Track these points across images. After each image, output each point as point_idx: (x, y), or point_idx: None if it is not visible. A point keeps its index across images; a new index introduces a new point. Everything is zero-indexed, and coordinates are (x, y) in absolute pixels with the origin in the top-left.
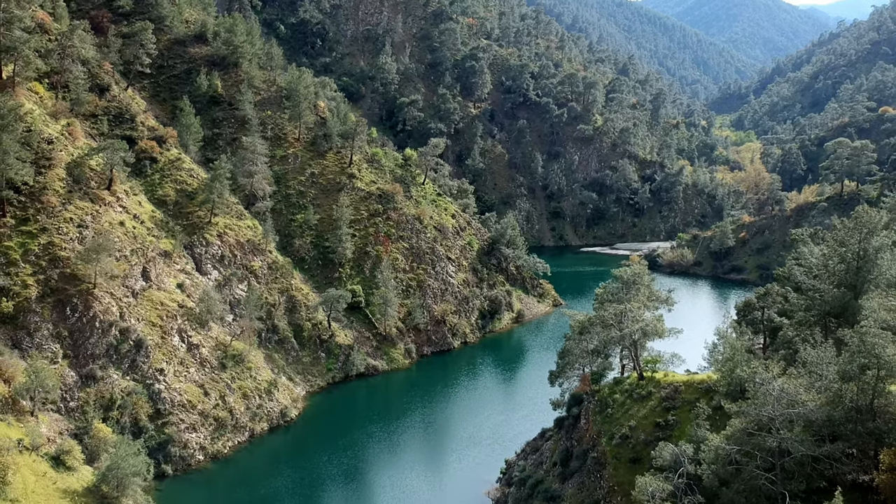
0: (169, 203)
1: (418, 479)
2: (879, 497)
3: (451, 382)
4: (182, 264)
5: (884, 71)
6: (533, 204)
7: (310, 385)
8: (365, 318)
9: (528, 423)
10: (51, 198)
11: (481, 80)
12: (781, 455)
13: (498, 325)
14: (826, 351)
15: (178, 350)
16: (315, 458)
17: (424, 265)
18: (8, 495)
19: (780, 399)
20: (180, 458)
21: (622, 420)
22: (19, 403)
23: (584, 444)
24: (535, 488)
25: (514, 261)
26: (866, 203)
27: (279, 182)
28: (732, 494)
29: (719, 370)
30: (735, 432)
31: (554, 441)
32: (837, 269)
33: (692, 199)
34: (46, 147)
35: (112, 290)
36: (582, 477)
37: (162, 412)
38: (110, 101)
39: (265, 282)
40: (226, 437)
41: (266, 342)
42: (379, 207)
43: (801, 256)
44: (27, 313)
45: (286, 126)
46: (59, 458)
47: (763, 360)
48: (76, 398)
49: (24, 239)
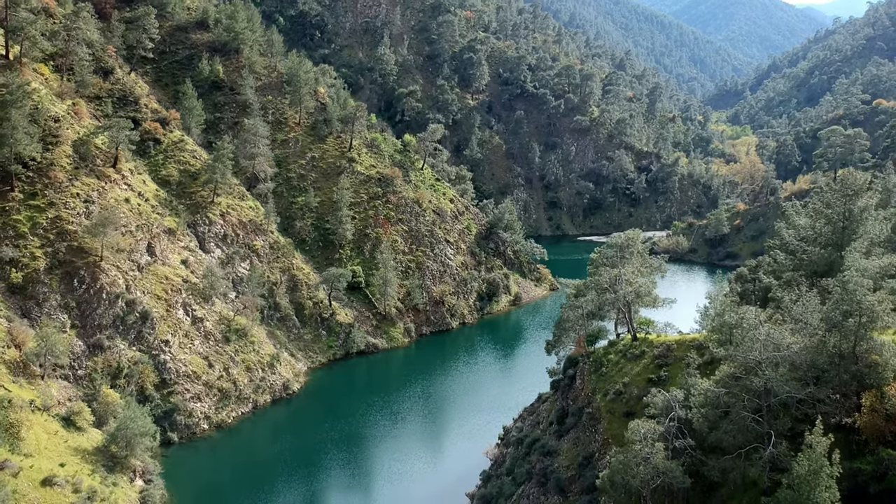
0: (172, 183)
1: (418, 444)
2: (861, 437)
3: (451, 359)
4: (186, 242)
5: (878, 65)
6: (530, 194)
7: (311, 361)
8: (365, 297)
9: (527, 393)
10: (58, 173)
11: (479, 72)
12: (767, 396)
13: (496, 307)
14: (810, 300)
15: (182, 323)
16: (317, 426)
17: (423, 247)
18: (22, 450)
19: (767, 345)
20: (185, 427)
21: (616, 378)
22: (30, 368)
23: (579, 403)
24: (532, 446)
25: (511, 245)
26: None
27: (280, 165)
28: (721, 434)
29: (710, 323)
30: (723, 377)
31: (550, 402)
32: (824, 231)
33: (688, 189)
34: (53, 125)
35: (118, 263)
36: (577, 432)
37: (167, 382)
38: (114, 84)
39: (267, 261)
40: (230, 407)
41: (268, 319)
42: (378, 191)
43: (791, 221)
44: (36, 284)
45: (287, 111)
46: (70, 419)
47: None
48: (84, 366)
49: (32, 213)
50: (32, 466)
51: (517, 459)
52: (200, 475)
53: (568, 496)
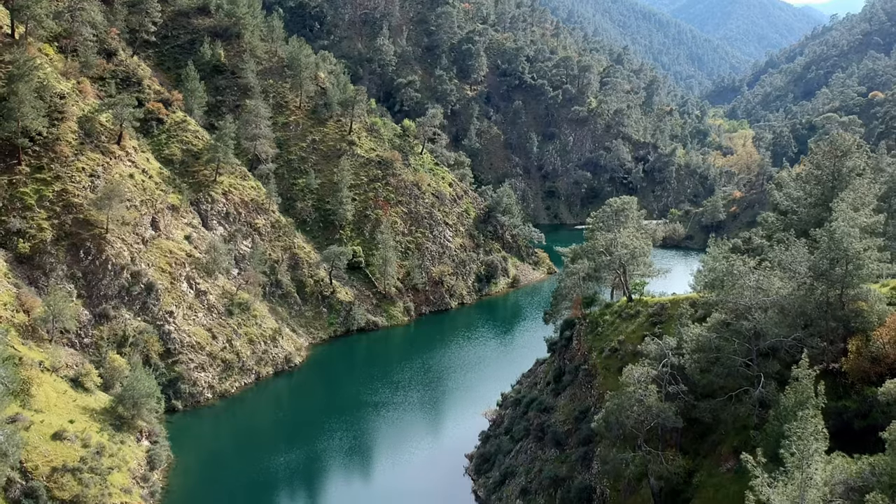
0: (175, 162)
1: (419, 411)
2: (847, 380)
3: (451, 335)
4: (189, 219)
5: (875, 60)
6: (528, 183)
7: (312, 337)
8: (365, 277)
9: (525, 362)
10: (64, 148)
11: (477, 63)
12: (757, 340)
13: (494, 289)
14: (798, 249)
15: (186, 295)
16: (319, 396)
17: (423, 229)
18: (32, 406)
19: (756, 291)
20: (190, 395)
21: (612, 336)
22: (38, 332)
23: (575, 361)
24: (530, 405)
25: (509, 229)
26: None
27: (281, 147)
28: (712, 378)
29: (703, 279)
30: (715, 323)
31: (547, 364)
32: (814, 192)
33: (685, 178)
34: (59, 101)
35: (123, 236)
36: (573, 389)
37: (172, 352)
38: (118, 66)
39: (269, 239)
40: (233, 377)
41: (270, 296)
42: (378, 173)
43: (782, 182)
44: (43, 254)
45: (287, 94)
46: (78, 381)
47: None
48: (90, 335)
49: (39, 186)
50: (43, 421)
51: (515, 419)
52: (204, 441)
53: (565, 449)
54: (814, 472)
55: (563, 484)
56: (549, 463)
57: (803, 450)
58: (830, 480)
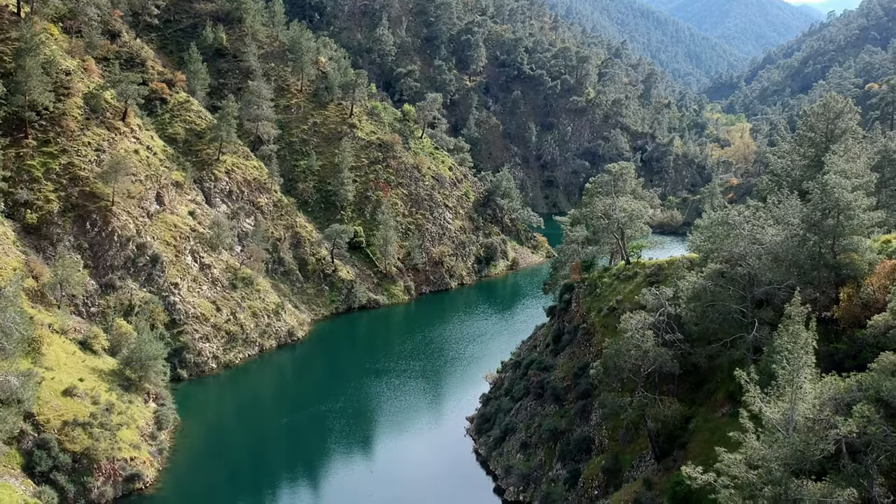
0: (179, 141)
1: (420, 379)
2: (839, 327)
3: (451, 312)
4: (192, 196)
5: (872, 54)
6: (527, 173)
7: (314, 314)
8: (366, 257)
9: (526, 334)
10: (70, 123)
11: (476, 54)
12: (751, 286)
13: (493, 271)
14: (791, 201)
15: (191, 268)
16: (324, 365)
17: (423, 210)
18: (42, 364)
19: (751, 240)
20: (195, 365)
21: (610, 296)
22: (47, 297)
23: (574, 322)
24: (529, 366)
25: (508, 213)
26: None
27: (282, 129)
28: (707, 324)
29: (700, 235)
30: (710, 273)
31: (546, 328)
32: (807, 153)
33: (682, 168)
34: (65, 77)
35: (129, 209)
36: (573, 348)
37: (177, 322)
38: (121, 47)
39: (271, 218)
40: (237, 349)
41: (272, 273)
42: (379, 155)
43: (776, 144)
44: (50, 225)
45: (289, 78)
46: (86, 343)
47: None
48: (97, 304)
49: (46, 159)
50: (53, 378)
51: (515, 380)
52: (210, 407)
53: (564, 404)
54: (803, 381)
55: (562, 436)
56: (549, 417)
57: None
58: (821, 396)
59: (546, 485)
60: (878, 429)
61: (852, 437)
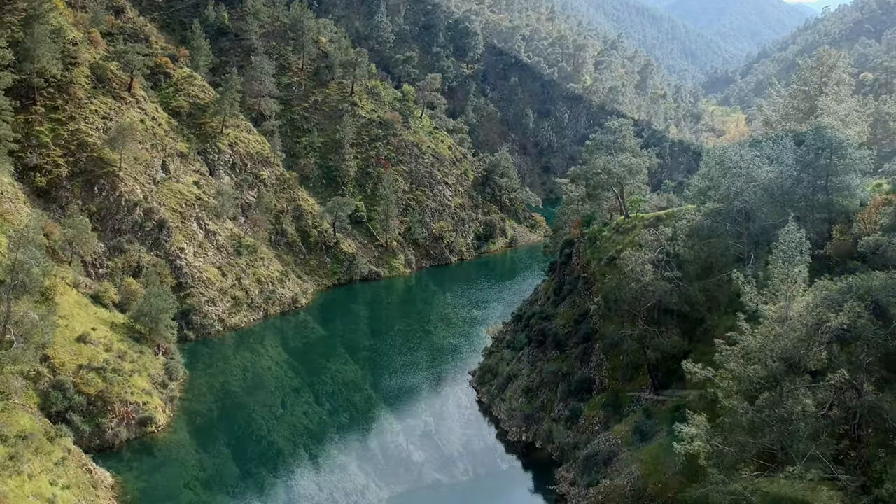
0: (183, 114)
1: (422, 339)
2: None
3: (452, 283)
4: (197, 166)
5: (866, 45)
6: (524, 159)
7: (317, 284)
8: (367, 231)
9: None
10: (77, 91)
11: (474, 42)
12: (747, 221)
13: (492, 247)
14: (786, 142)
15: (197, 234)
16: (328, 329)
17: (423, 187)
18: (56, 312)
19: (747, 178)
20: (201, 327)
21: (610, 248)
22: (58, 255)
23: (575, 274)
24: (531, 318)
25: (507, 192)
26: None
27: (284, 107)
28: (706, 257)
29: (698, 183)
30: (708, 210)
31: (547, 282)
32: (802, 106)
33: (678, 155)
34: (71, 48)
35: (136, 175)
36: (573, 297)
37: (184, 285)
38: (125, 23)
39: (273, 191)
40: (242, 313)
41: (276, 244)
42: (379, 132)
43: (771, 99)
44: (59, 189)
45: (290, 57)
46: (97, 297)
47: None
48: (105, 266)
49: (54, 125)
50: (67, 326)
51: (517, 332)
52: (216, 365)
53: (565, 349)
54: (797, 276)
55: (564, 378)
56: (551, 362)
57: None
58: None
59: (548, 424)
60: (867, 322)
61: (843, 329)
